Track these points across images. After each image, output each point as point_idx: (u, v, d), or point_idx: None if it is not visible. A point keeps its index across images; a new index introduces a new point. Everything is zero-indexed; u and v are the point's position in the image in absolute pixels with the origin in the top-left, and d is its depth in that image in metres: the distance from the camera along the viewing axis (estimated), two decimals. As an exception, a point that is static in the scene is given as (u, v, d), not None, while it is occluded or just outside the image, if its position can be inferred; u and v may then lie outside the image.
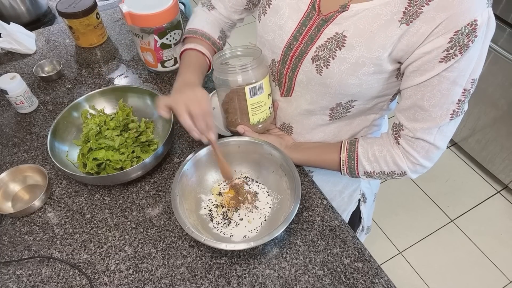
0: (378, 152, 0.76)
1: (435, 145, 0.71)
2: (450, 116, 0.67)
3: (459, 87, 0.64)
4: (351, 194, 0.98)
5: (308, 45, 0.72)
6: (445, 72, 0.62)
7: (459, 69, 0.61)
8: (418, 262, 1.75)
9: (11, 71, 1.18)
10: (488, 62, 1.72)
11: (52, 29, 1.33)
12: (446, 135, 0.70)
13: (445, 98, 0.65)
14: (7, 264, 0.77)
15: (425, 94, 0.66)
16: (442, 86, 0.64)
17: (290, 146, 0.89)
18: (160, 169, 0.92)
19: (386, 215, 1.91)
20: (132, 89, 0.98)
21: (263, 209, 0.82)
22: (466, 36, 0.58)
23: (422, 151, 0.72)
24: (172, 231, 0.81)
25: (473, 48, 0.60)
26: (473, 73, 0.63)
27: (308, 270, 0.75)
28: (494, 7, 1.57)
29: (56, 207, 0.86)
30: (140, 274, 0.75)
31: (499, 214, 1.91)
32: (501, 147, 1.85)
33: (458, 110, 0.67)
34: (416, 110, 0.68)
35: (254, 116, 0.84)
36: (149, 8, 0.97)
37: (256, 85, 0.79)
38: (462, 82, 0.63)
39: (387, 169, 0.76)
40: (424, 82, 0.65)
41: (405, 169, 0.75)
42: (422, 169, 0.75)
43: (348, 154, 0.80)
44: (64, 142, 0.91)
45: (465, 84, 0.64)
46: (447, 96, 0.64)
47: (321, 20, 0.70)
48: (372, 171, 0.78)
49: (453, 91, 0.64)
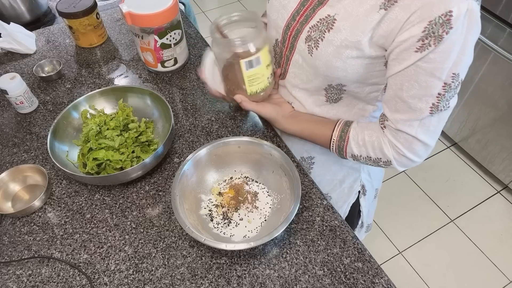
0: (367, 137, 0.76)
1: (418, 139, 0.70)
2: (429, 110, 0.66)
3: (437, 80, 0.63)
4: (351, 185, 0.98)
5: (302, 24, 0.74)
6: (420, 63, 0.62)
7: (436, 61, 0.61)
8: (418, 262, 1.75)
9: (11, 71, 1.18)
10: (488, 62, 1.72)
11: (52, 29, 1.33)
12: (429, 130, 0.70)
13: (424, 90, 0.65)
14: (7, 264, 0.77)
15: (404, 84, 0.66)
16: (419, 77, 0.64)
17: (287, 115, 0.89)
18: (160, 169, 0.92)
19: (386, 215, 1.91)
20: (132, 89, 0.98)
21: (263, 209, 0.82)
22: (440, 26, 0.58)
23: (406, 143, 0.72)
24: (172, 231, 0.81)
25: (448, 40, 0.59)
26: (454, 68, 0.62)
27: (308, 270, 0.75)
28: (494, 7, 1.58)
29: (56, 207, 0.86)
30: (140, 274, 0.75)
31: (499, 214, 1.91)
32: (501, 147, 1.85)
33: (439, 105, 0.66)
34: (396, 101, 0.69)
35: (252, 87, 0.83)
36: (149, 8, 0.97)
37: (252, 58, 0.78)
38: (441, 75, 0.63)
39: (374, 156, 0.77)
40: (402, 72, 0.65)
41: (390, 158, 0.74)
42: (408, 162, 0.74)
43: (340, 134, 0.80)
44: (64, 142, 0.91)
45: (445, 77, 0.63)
46: (426, 88, 0.64)
47: (317, 1, 0.72)
48: (359, 155, 0.79)
49: (431, 83, 0.64)
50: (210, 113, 1.03)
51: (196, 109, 1.05)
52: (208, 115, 1.03)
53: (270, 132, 0.98)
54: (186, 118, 1.02)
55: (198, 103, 1.06)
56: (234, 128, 0.99)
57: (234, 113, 1.03)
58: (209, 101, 1.07)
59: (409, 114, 0.68)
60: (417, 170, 2.08)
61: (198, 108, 1.05)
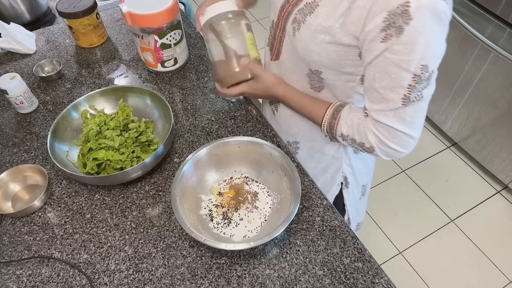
0: (356, 119, 0.78)
1: (395, 128, 0.71)
2: (401, 101, 0.68)
3: (405, 71, 0.64)
4: (333, 175, 0.99)
5: (293, 7, 0.76)
6: (387, 53, 0.64)
7: (401, 52, 0.63)
8: (418, 262, 1.75)
9: (11, 71, 1.18)
10: (488, 62, 1.72)
11: (52, 29, 1.33)
12: (406, 120, 0.70)
13: (394, 81, 0.66)
14: (7, 264, 0.77)
15: (375, 75, 0.68)
16: (388, 69, 0.65)
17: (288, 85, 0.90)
18: (160, 169, 0.92)
19: (386, 215, 1.91)
20: (132, 89, 0.98)
21: (263, 209, 0.82)
22: (400, 17, 0.60)
23: (385, 132, 0.73)
24: (172, 231, 0.81)
25: (410, 32, 0.60)
26: (422, 60, 0.63)
27: (308, 270, 0.75)
28: (494, 7, 1.58)
29: (56, 207, 0.86)
30: (140, 274, 0.75)
31: (499, 214, 1.91)
32: (501, 147, 1.85)
33: (410, 96, 0.67)
34: (371, 91, 0.71)
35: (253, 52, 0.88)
36: (149, 8, 0.97)
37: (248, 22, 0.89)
38: (408, 67, 0.64)
39: (358, 139, 0.78)
40: (373, 62, 0.67)
41: (373, 144, 0.75)
42: (392, 151, 0.75)
43: (332, 112, 0.81)
44: (64, 142, 0.91)
45: (414, 69, 0.64)
46: (395, 79, 0.66)
47: None
48: (346, 135, 0.80)
49: (400, 75, 0.65)
50: (210, 113, 1.03)
51: (196, 109, 1.05)
52: (208, 115, 1.03)
53: (270, 132, 0.98)
54: (186, 118, 1.02)
55: (198, 103, 1.06)
56: (234, 128, 0.99)
57: (234, 113, 1.03)
58: (209, 101, 1.07)
59: (383, 105, 0.70)
60: (417, 170, 2.08)
61: (198, 108, 1.05)
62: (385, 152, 0.76)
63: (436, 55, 0.65)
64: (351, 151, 0.94)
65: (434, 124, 2.24)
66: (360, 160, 0.97)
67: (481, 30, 1.64)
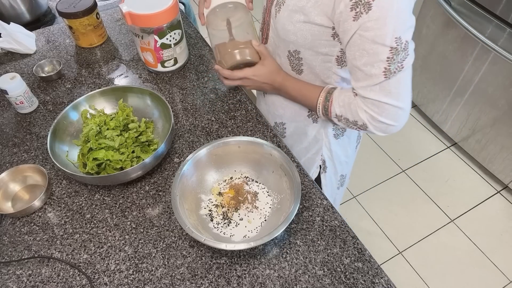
0: (347, 98, 0.80)
1: (383, 102, 0.74)
2: (383, 74, 0.70)
3: (381, 46, 0.67)
4: (312, 156, 1.02)
5: None
6: (361, 31, 0.67)
7: (374, 28, 0.66)
8: (418, 262, 1.75)
9: (11, 71, 1.18)
10: (488, 62, 1.72)
11: (52, 29, 1.33)
12: (391, 92, 0.73)
13: (373, 57, 0.69)
14: (7, 264, 0.77)
15: (355, 53, 0.71)
16: (365, 46, 0.68)
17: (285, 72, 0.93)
18: (160, 169, 0.92)
19: (386, 215, 1.91)
20: (132, 89, 0.98)
21: (263, 209, 0.82)
22: None
23: (374, 107, 0.75)
24: (172, 231, 0.81)
25: (377, 6, 0.64)
26: (396, 32, 0.66)
27: (308, 270, 0.75)
28: (494, 7, 1.58)
29: (56, 207, 0.86)
30: (140, 274, 0.75)
31: (499, 214, 1.91)
32: (501, 147, 1.85)
33: (390, 67, 0.70)
34: (355, 70, 0.74)
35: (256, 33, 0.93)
36: (149, 8, 0.97)
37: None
38: (383, 41, 0.67)
39: (351, 118, 0.80)
40: (350, 42, 0.70)
41: (365, 121, 0.78)
42: (385, 126, 0.77)
43: (325, 95, 0.84)
44: (64, 142, 0.91)
45: (389, 42, 0.67)
46: (373, 55, 0.69)
47: None
48: (340, 115, 0.82)
49: (377, 50, 0.68)
50: (210, 113, 1.04)
51: (196, 109, 1.05)
52: (208, 115, 1.03)
53: (270, 132, 0.98)
54: (186, 118, 1.02)
55: (198, 103, 1.06)
56: (234, 128, 0.99)
57: (234, 113, 1.03)
58: (209, 101, 1.07)
59: (367, 81, 0.73)
60: (417, 170, 2.08)
61: (198, 108, 1.05)
62: (378, 127, 0.78)
63: (408, 26, 0.68)
64: (332, 135, 0.97)
65: (434, 124, 2.24)
66: (340, 147, 1.00)
67: (481, 30, 1.64)
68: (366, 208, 1.93)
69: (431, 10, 1.91)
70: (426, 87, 2.15)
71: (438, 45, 1.94)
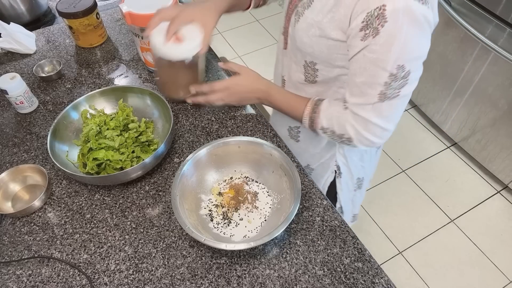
0: (335, 112, 0.81)
1: (372, 122, 0.75)
2: (378, 96, 0.72)
3: (382, 70, 0.68)
4: (327, 162, 1.02)
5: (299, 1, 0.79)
6: (365, 51, 0.68)
7: (378, 52, 0.66)
8: (418, 262, 1.75)
9: (11, 71, 1.18)
10: (488, 62, 1.72)
11: (52, 29, 1.33)
12: (382, 114, 0.74)
13: (372, 78, 0.70)
14: (7, 264, 0.77)
15: (356, 70, 0.72)
16: (367, 65, 0.69)
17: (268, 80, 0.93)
18: (160, 169, 0.92)
19: (386, 215, 1.91)
20: (132, 89, 0.98)
21: (263, 209, 0.82)
22: (376, 18, 0.63)
23: (362, 124, 0.77)
24: (172, 231, 0.81)
25: (385, 33, 0.64)
26: (399, 60, 0.67)
27: (308, 270, 0.75)
28: (494, 7, 1.58)
29: (56, 207, 0.86)
30: (140, 274, 0.75)
31: (499, 214, 1.91)
32: (501, 147, 1.85)
33: (387, 92, 0.71)
34: (352, 85, 0.75)
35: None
36: (149, 8, 0.97)
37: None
38: (385, 66, 0.67)
39: (338, 131, 0.81)
40: (354, 57, 0.71)
41: (351, 135, 0.79)
42: (367, 142, 0.79)
43: (312, 107, 0.85)
44: (64, 142, 0.91)
45: (390, 69, 0.68)
46: (373, 76, 0.70)
47: None
48: (327, 128, 0.83)
49: (377, 72, 0.69)
50: (210, 113, 1.03)
51: (196, 109, 1.05)
52: (208, 115, 1.03)
53: (270, 132, 0.98)
54: (186, 118, 1.02)
55: (198, 103, 1.06)
56: (234, 128, 0.99)
57: (234, 113, 1.03)
58: (209, 101, 1.07)
59: (362, 99, 0.74)
60: (417, 170, 2.08)
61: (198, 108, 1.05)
62: (362, 142, 0.80)
63: (413, 57, 0.68)
64: None
65: (434, 124, 2.24)
66: (355, 152, 0.99)
67: (481, 30, 1.64)
68: (366, 208, 1.93)
69: (431, 10, 1.91)
70: (426, 87, 2.15)
71: (438, 45, 1.94)
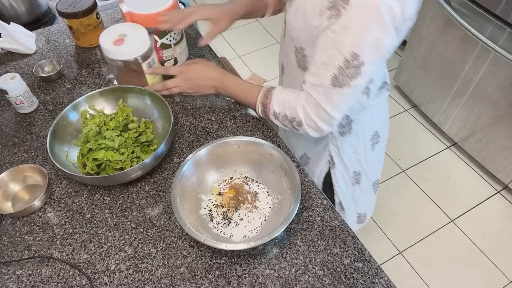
0: (287, 96, 0.84)
1: (321, 105, 0.77)
2: (331, 79, 0.73)
3: (338, 52, 0.70)
4: (320, 151, 1.03)
5: None
6: (328, 31, 0.69)
7: (337, 32, 0.68)
8: (418, 262, 1.75)
9: (11, 71, 1.18)
10: (488, 62, 1.72)
11: (52, 29, 1.33)
12: (332, 101, 0.76)
13: (329, 59, 0.72)
14: (7, 264, 0.77)
15: (318, 48, 0.73)
16: (327, 45, 0.71)
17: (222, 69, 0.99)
18: (160, 169, 0.92)
19: (386, 215, 1.91)
20: (131, 89, 0.98)
21: (263, 209, 0.82)
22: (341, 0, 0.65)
23: (313, 107, 0.79)
24: (172, 231, 0.81)
25: (345, 16, 0.65)
26: (354, 47, 0.68)
27: (308, 270, 0.75)
28: (494, 7, 1.58)
29: (56, 207, 0.86)
30: (140, 274, 0.75)
31: (499, 214, 1.91)
32: (501, 147, 1.85)
33: (339, 77, 0.72)
34: (312, 64, 0.76)
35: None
36: (149, 8, 0.97)
37: None
38: (341, 49, 0.69)
39: (289, 115, 0.83)
40: (319, 35, 0.72)
41: (301, 118, 0.81)
42: (316, 126, 0.81)
43: (265, 93, 0.88)
44: (64, 142, 0.91)
45: (345, 53, 0.69)
46: (329, 57, 0.71)
47: None
48: (278, 113, 0.86)
49: (333, 54, 0.70)
50: (210, 113, 1.04)
51: (196, 109, 1.05)
52: (208, 115, 1.03)
53: (270, 132, 0.98)
54: (186, 118, 1.02)
55: (198, 103, 1.06)
56: (234, 128, 0.99)
57: (234, 113, 1.03)
58: (209, 101, 1.07)
59: (316, 78, 0.76)
60: (417, 170, 2.08)
61: (198, 108, 1.05)
62: (311, 126, 0.82)
63: (370, 49, 0.68)
64: (337, 132, 0.97)
65: (434, 124, 2.24)
66: (347, 144, 0.99)
67: (481, 30, 1.64)
68: (366, 208, 1.93)
69: (431, 10, 1.91)
70: (426, 87, 2.15)
71: (438, 45, 1.94)
